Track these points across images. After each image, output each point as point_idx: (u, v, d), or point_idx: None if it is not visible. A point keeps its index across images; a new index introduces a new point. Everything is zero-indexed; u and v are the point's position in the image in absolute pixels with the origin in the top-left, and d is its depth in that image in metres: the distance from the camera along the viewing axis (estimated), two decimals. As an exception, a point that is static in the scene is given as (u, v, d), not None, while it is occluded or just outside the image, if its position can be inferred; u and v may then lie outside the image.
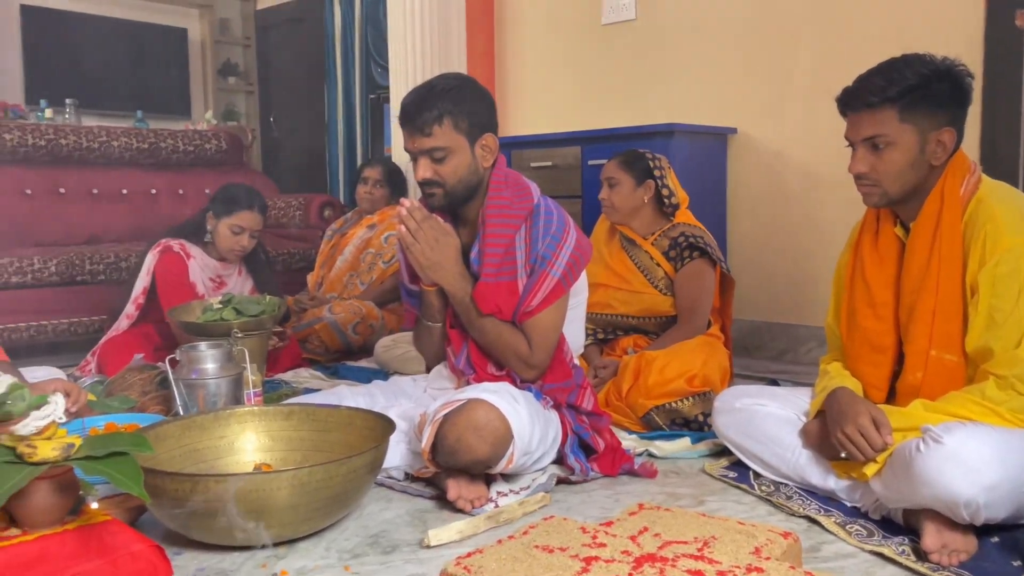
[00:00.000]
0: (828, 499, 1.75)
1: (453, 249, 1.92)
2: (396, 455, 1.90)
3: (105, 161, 4.18)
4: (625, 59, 3.79)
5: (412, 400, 2.12)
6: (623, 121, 3.60)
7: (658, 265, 2.56)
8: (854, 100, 1.68)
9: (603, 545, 1.29)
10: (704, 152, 3.36)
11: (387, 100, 5.42)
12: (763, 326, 3.41)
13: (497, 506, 1.75)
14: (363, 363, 3.30)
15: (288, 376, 3.07)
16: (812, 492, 1.79)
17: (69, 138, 4.05)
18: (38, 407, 1.48)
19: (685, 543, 1.31)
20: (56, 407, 1.22)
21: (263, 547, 1.53)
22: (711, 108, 3.49)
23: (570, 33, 4.00)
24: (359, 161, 5.71)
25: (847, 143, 1.72)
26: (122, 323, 2.95)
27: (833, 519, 1.65)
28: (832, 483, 1.75)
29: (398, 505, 1.81)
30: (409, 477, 1.92)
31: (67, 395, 1.81)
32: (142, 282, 2.95)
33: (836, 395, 1.72)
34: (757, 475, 1.89)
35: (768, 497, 1.79)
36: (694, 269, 2.52)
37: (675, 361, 2.29)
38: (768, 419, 1.88)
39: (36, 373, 2.19)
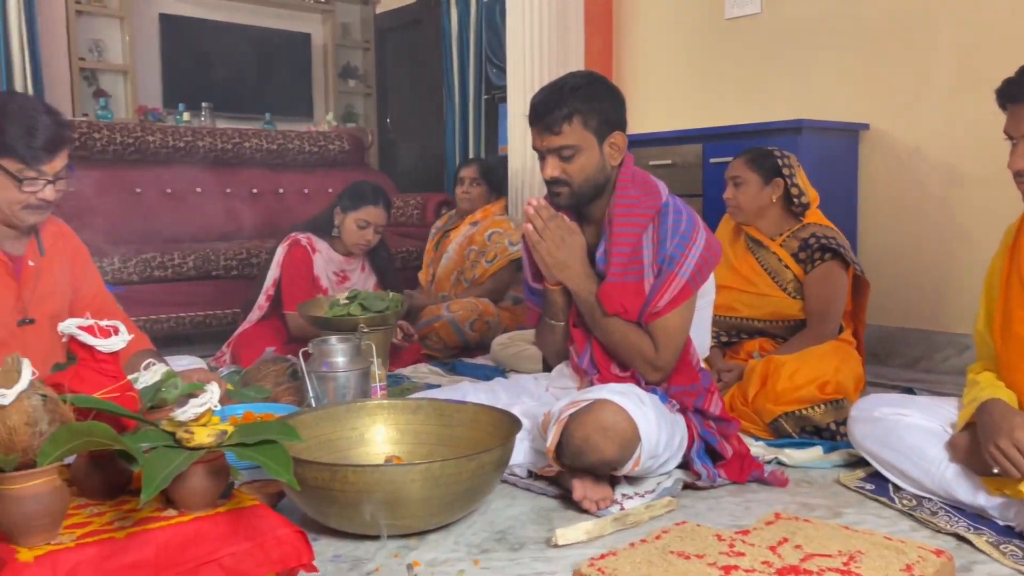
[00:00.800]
0: (978, 517, 1.65)
1: (579, 248, 1.91)
2: (520, 452, 1.90)
3: (237, 161, 4.40)
4: (750, 54, 3.68)
5: (534, 398, 2.12)
6: (747, 118, 3.50)
7: (787, 267, 2.47)
8: (1019, 91, 1.57)
9: (741, 555, 1.26)
10: (834, 149, 3.23)
11: (503, 100, 5.47)
12: (896, 332, 3.25)
13: (623, 508, 1.73)
14: (480, 360, 3.34)
15: (408, 371, 3.13)
16: (959, 508, 1.69)
17: (205, 140, 4.27)
18: (189, 395, 1.57)
19: (829, 556, 1.25)
20: (212, 395, 1.28)
21: (396, 537, 1.57)
22: (841, 103, 3.35)
23: (692, 29, 3.92)
24: (473, 161, 5.79)
25: (1006, 137, 1.61)
26: (254, 314, 3.09)
27: (985, 538, 1.54)
28: (982, 500, 1.64)
29: (522, 502, 1.81)
30: (532, 475, 1.93)
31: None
32: (273, 274, 3.09)
33: (988, 407, 1.62)
34: (897, 488, 1.80)
35: (910, 512, 1.70)
36: (826, 271, 2.42)
37: (806, 367, 2.21)
38: (911, 430, 1.79)
39: (180, 362, 2.32)
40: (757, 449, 2.08)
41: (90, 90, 5.76)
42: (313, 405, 2.24)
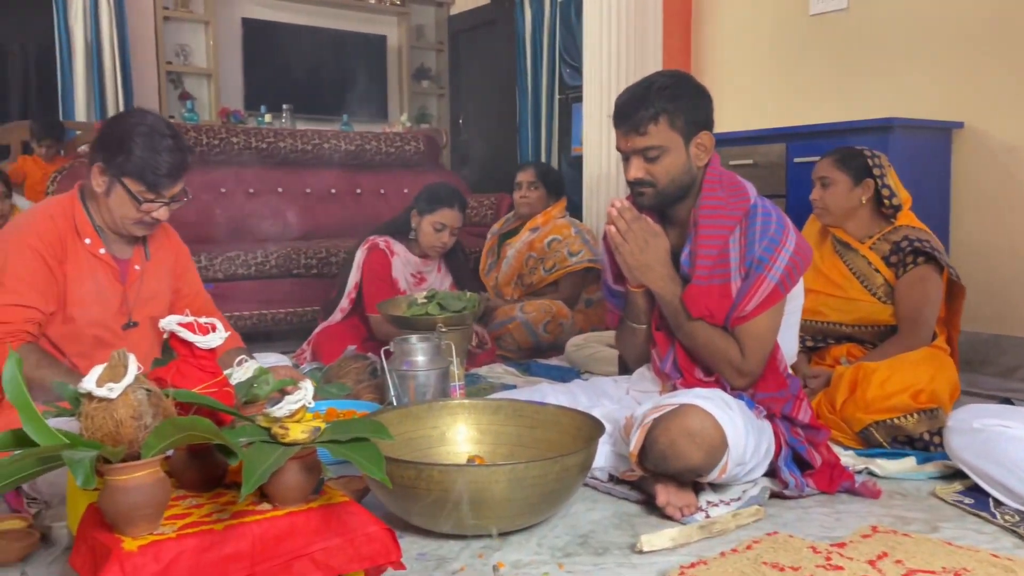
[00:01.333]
0: (1089, 536, 1.56)
1: (663, 251, 1.89)
2: (601, 456, 1.88)
3: (317, 162, 4.48)
4: (836, 51, 3.58)
5: (614, 401, 2.10)
6: (832, 116, 3.41)
7: (877, 271, 2.39)
8: None
9: (839, 568, 1.22)
10: (925, 149, 3.11)
11: (576, 100, 5.45)
12: (990, 339, 3.11)
13: (707, 516, 1.69)
14: (554, 361, 3.33)
15: (484, 371, 3.14)
16: (1068, 527, 1.60)
17: (286, 141, 4.37)
18: (279, 391, 1.60)
19: (932, 572, 1.20)
20: (306, 392, 1.31)
21: (478, 538, 1.58)
22: (934, 101, 3.22)
23: (774, 25, 3.83)
24: (544, 161, 5.78)
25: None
26: (336, 316, 3.14)
27: (1097, 559, 1.46)
28: (1094, 519, 1.56)
29: (604, 506, 1.80)
30: (613, 479, 1.91)
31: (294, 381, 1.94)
32: (354, 278, 3.13)
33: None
34: (998, 503, 1.72)
35: (1014, 528, 1.62)
36: (919, 275, 2.33)
37: (898, 374, 2.13)
38: (1014, 442, 1.71)
39: (266, 359, 2.38)
40: (847, 459, 2.02)
41: (176, 93, 5.97)
42: (394, 403, 2.26)
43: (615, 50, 3.91)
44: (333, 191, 4.49)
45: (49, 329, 1.97)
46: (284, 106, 6.13)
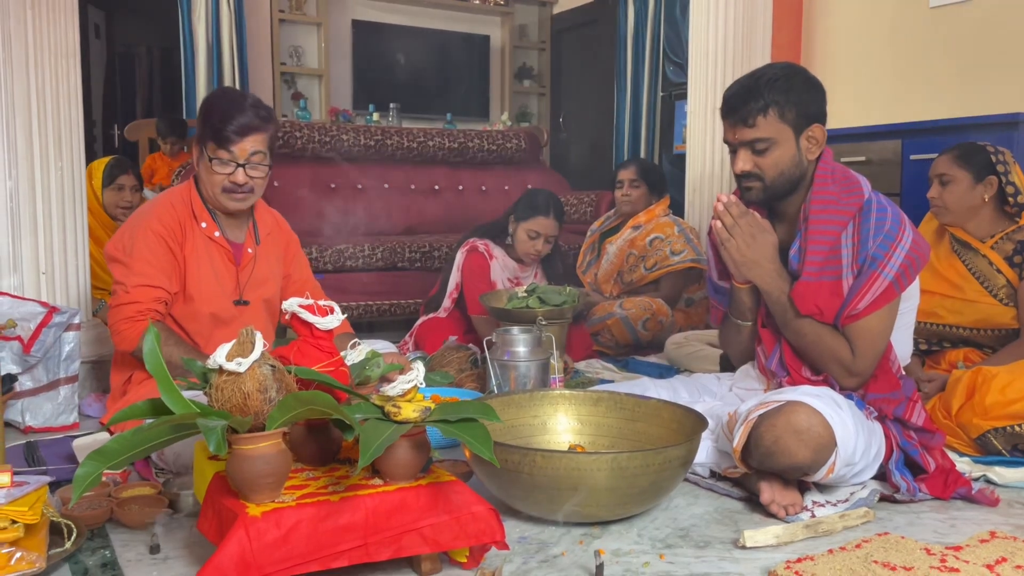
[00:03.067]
0: None
1: (771, 247, 1.85)
2: (702, 452, 1.86)
3: (421, 159, 4.60)
4: (957, 44, 3.42)
5: (717, 398, 2.08)
6: (951, 112, 3.26)
7: (999, 272, 2.28)
8: None
9: (955, 570, 1.18)
10: (1055, 145, 2.94)
11: (680, 97, 5.39)
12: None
13: (814, 516, 1.66)
14: (652, 358, 3.31)
15: (582, 366, 3.16)
16: None
17: (393, 139, 4.50)
18: (385, 378, 1.66)
19: (1057, 582, 1.15)
20: (418, 374, 1.36)
21: (579, 525, 1.60)
22: (1064, 95, 3.05)
23: (890, 18, 3.70)
24: (645, 159, 5.73)
25: None
26: (440, 314, 3.22)
27: None
28: None
29: (705, 502, 1.78)
30: (715, 475, 1.89)
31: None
32: (455, 279, 3.20)
33: None
34: None
35: None
36: None
37: (1020, 380, 2.02)
38: None
39: (375, 345, 2.45)
40: (963, 465, 1.94)
41: (289, 92, 6.22)
42: (495, 392, 2.30)
43: (721, 45, 3.85)
44: (436, 187, 4.60)
45: (172, 309, 2.10)
46: (391, 105, 6.29)
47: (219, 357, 1.30)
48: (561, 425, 1.95)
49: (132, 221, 2.11)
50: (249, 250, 2.18)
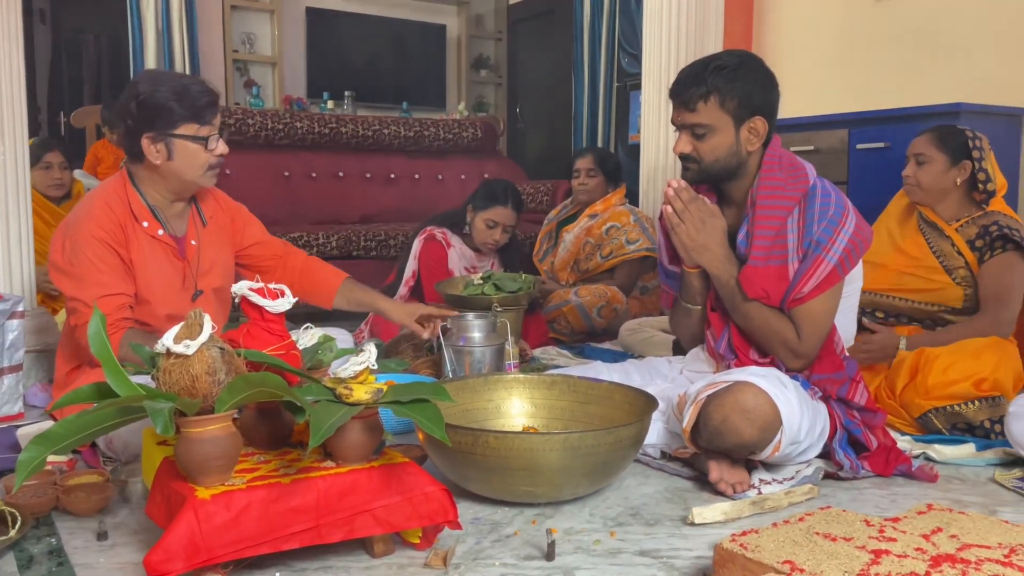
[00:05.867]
0: None
1: (720, 231, 1.89)
2: (654, 433, 1.90)
3: (377, 148, 4.57)
4: (901, 35, 3.51)
5: (668, 380, 2.11)
6: (896, 102, 3.34)
7: (960, 254, 2.33)
8: None
9: (893, 540, 1.22)
10: (994, 135, 2.99)
11: (635, 88, 5.43)
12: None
13: (760, 493, 1.70)
14: (607, 345, 3.34)
15: (537, 352, 3.18)
16: None
17: (348, 127, 4.46)
18: (343, 357, 1.66)
19: (988, 547, 1.20)
20: (370, 355, 1.36)
21: (531, 505, 1.61)
22: (1004, 86, 3.14)
23: (839, 10, 3.77)
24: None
25: None
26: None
27: None
28: None
29: (656, 482, 1.82)
30: (666, 456, 1.93)
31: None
32: (411, 266, 3.20)
33: None
34: (1061, 490, 1.69)
35: (1076, 516, 1.60)
36: (1005, 261, 2.26)
37: (961, 361, 2.09)
38: (1079, 429, 1.67)
39: (331, 334, 2.44)
40: (904, 444, 2.00)
41: (241, 80, 6.12)
42: (451, 377, 2.31)
43: (675, 37, 3.88)
44: (392, 176, 4.58)
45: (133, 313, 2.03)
46: (346, 93, 6.24)
47: (167, 340, 1.29)
48: (515, 409, 1.97)
49: (70, 227, 1.97)
50: (193, 242, 2.09)
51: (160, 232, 2.03)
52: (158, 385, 1.31)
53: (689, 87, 1.84)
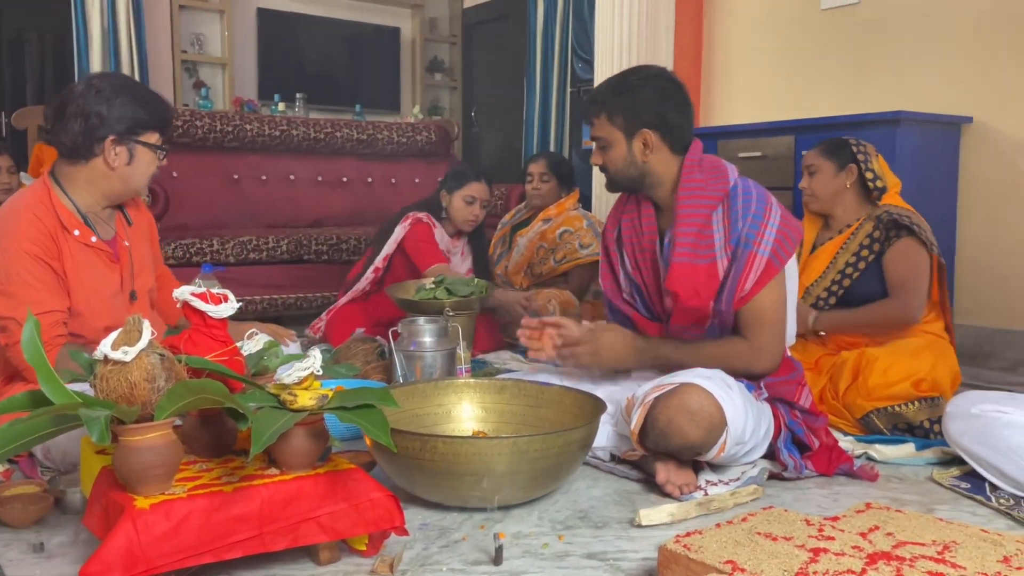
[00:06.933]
0: (1082, 520, 1.58)
1: (617, 343, 1.95)
2: (603, 436, 1.91)
3: (329, 151, 4.52)
4: (846, 45, 3.60)
5: (616, 383, 2.13)
6: (841, 110, 3.43)
7: (864, 248, 2.42)
8: None
9: (831, 539, 1.25)
10: (934, 142, 3.12)
11: (588, 93, 5.48)
12: (994, 333, 3.13)
13: (707, 494, 1.72)
14: (560, 349, 3.35)
15: (490, 357, 3.18)
16: (1062, 511, 1.62)
17: (299, 129, 4.41)
18: (288, 363, 1.64)
19: (922, 544, 1.23)
20: (315, 361, 1.34)
21: (480, 510, 1.61)
22: (943, 96, 3.24)
23: (786, 20, 3.85)
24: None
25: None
26: (360, 284, 3.21)
27: (1090, 541, 1.48)
28: (1088, 502, 1.58)
29: (605, 484, 1.83)
30: (615, 458, 1.94)
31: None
32: (387, 249, 3.20)
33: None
34: (994, 487, 1.75)
35: (1008, 511, 1.65)
36: (905, 246, 2.34)
37: (900, 362, 2.15)
38: (1011, 428, 1.73)
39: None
40: (846, 444, 2.04)
41: (190, 81, 6.02)
42: (401, 382, 2.30)
43: (627, 43, 3.94)
44: (345, 179, 4.54)
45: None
46: (297, 95, 6.17)
47: (104, 346, 1.26)
48: (465, 413, 1.97)
49: None
50: (125, 242, 2.03)
51: (93, 239, 1.94)
52: (96, 393, 1.28)
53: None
